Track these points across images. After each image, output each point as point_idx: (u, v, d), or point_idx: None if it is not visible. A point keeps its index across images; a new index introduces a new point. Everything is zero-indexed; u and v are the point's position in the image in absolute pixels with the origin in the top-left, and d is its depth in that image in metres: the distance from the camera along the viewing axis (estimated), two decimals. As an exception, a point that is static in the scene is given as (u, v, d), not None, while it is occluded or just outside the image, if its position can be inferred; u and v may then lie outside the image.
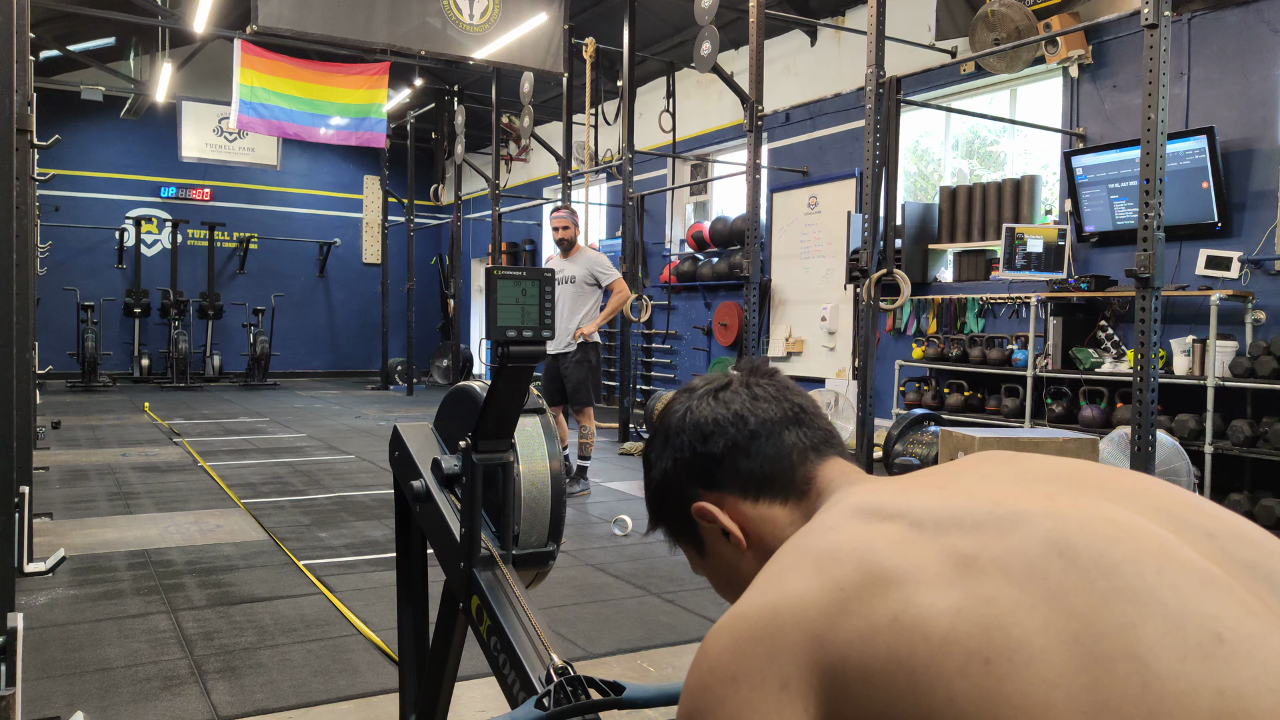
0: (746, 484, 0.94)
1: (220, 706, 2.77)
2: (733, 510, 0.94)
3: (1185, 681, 0.62)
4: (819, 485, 0.93)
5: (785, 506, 0.93)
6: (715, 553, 0.97)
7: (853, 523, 0.79)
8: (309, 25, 8.10)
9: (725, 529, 0.94)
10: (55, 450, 7.66)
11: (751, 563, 0.92)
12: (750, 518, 0.93)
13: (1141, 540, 0.71)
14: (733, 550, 0.95)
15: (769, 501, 0.93)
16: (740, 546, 0.94)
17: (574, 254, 6.31)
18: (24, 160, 4.23)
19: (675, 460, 0.97)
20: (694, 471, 0.96)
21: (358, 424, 10.14)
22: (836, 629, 0.70)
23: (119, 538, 4.81)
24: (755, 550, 0.93)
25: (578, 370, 6.19)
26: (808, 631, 0.71)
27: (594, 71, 10.30)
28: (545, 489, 1.65)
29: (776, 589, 0.75)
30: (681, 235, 11.79)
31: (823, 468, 0.94)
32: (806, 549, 0.78)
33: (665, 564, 4.49)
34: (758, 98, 7.24)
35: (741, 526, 0.94)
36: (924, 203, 8.42)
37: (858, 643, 0.69)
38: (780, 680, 0.71)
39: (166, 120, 14.34)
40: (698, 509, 0.95)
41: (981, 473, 0.86)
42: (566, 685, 1.29)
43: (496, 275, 1.46)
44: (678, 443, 0.97)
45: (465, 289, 17.11)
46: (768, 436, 0.94)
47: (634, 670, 3.14)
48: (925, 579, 0.70)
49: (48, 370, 8.56)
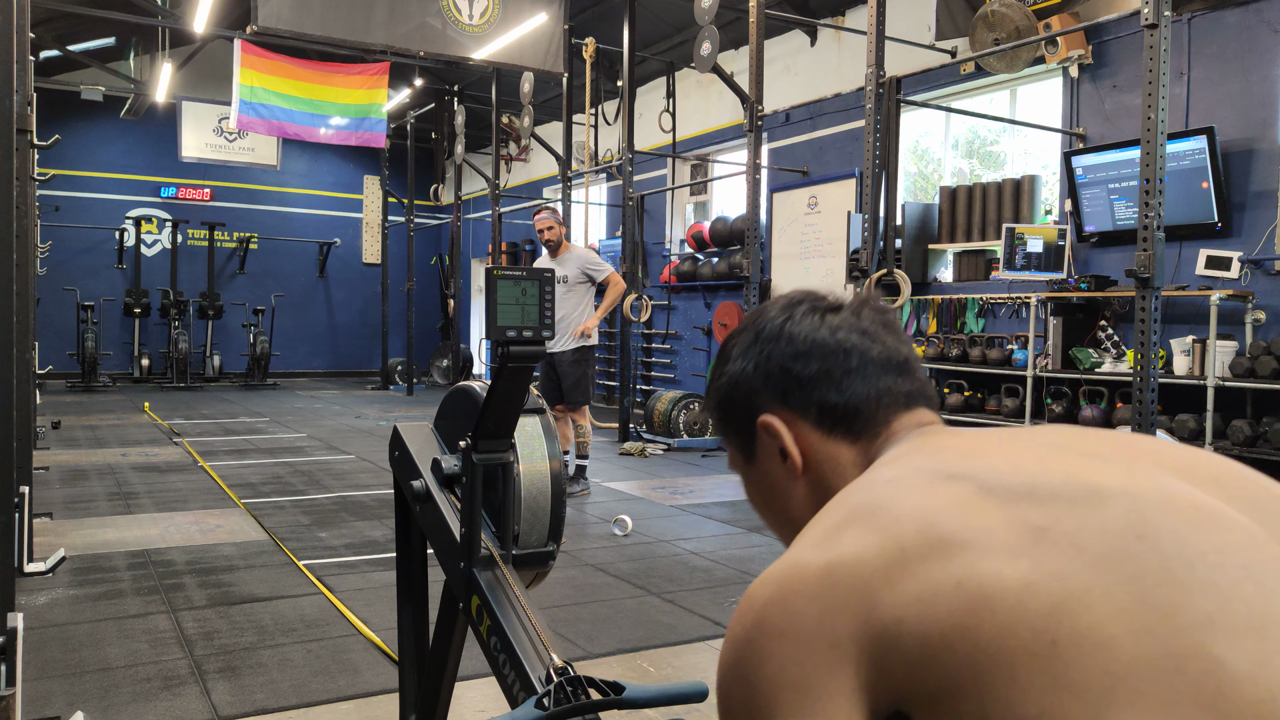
0: (824, 415, 0.89)
1: (220, 706, 2.77)
2: (800, 434, 0.89)
3: (1263, 688, 0.58)
4: (891, 430, 0.88)
5: (854, 447, 0.88)
6: (765, 468, 0.93)
7: (918, 480, 0.75)
8: (308, 26, 8.10)
9: (785, 450, 0.89)
10: (55, 450, 7.66)
11: (801, 490, 0.90)
12: (815, 448, 0.89)
13: (1227, 531, 0.67)
14: (785, 472, 0.91)
15: (840, 438, 0.88)
16: (795, 471, 0.90)
17: (562, 253, 6.32)
18: (24, 160, 4.23)
19: (758, 367, 0.91)
20: (774, 385, 0.90)
21: (358, 424, 10.14)
22: (894, 591, 0.66)
23: (119, 538, 4.81)
24: (809, 480, 0.89)
25: (575, 369, 6.19)
26: (863, 592, 0.67)
27: (594, 71, 10.30)
28: (545, 489, 1.65)
29: (833, 545, 0.71)
30: (681, 235, 11.79)
31: (904, 417, 0.89)
32: (867, 505, 0.74)
33: (665, 564, 4.49)
34: (758, 98, 7.24)
35: (804, 453, 0.89)
36: (924, 203, 8.42)
37: (916, 606, 0.65)
38: (830, 640, 0.67)
39: (166, 120, 14.34)
40: (764, 422, 0.90)
41: (1055, 443, 0.80)
42: (566, 685, 1.29)
43: (496, 275, 1.46)
44: (768, 350, 0.91)
45: (465, 289, 17.11)
46: (863, 376, 0.88)
47: (634, 670, 3.14)
48: (993, 546, 0.66)
49: (48, 370, 8.56)
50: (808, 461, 0.89)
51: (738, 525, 5.41)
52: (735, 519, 5.59)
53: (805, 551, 0.73)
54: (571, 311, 6.22)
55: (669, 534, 5.14)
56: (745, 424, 0.92)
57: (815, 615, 0.68)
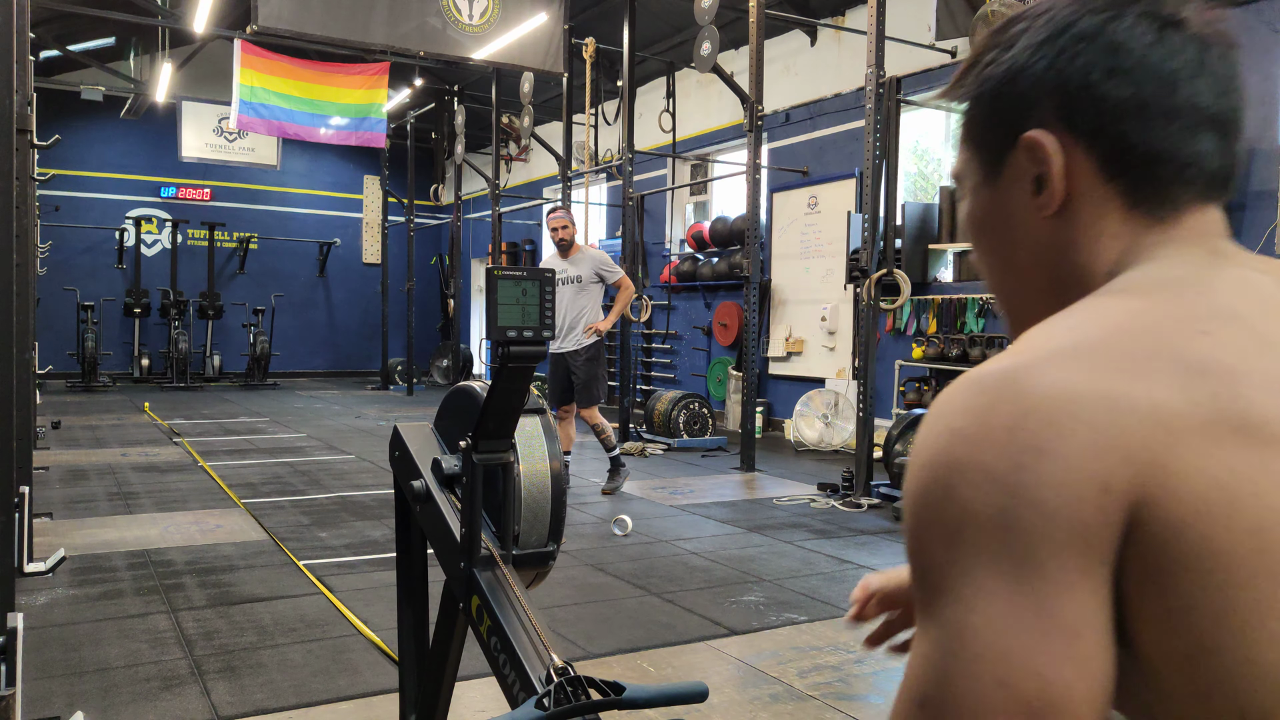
0: (1114, 157, 0.68)
1: (220, 706, 2.77)
2: (1071, 168, 0.69)
3: None
4: (1179, 220, 0.69)
5: (1127, 212, 0.69)
6: (1006, 197, 0.74)
7: (1233, 334, 0.60)
8: (309, 25, 8.11)
9: (1046, 180, 0.70)
10: (55, 450, 7.66)
11: (1044, 236, 0.72)
12: (1084, 193, 0.69)
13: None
14: (1031, 209, 0.72)
15: (1117, 193, 0.69)
16: (1045, 211, 0.71)
17: (574, 254, 6.32)
18: (24, 160, 4.24)
19: (1052, 68, 0.69)
20: (1065, 97, 0.69)
21: (358, 424, 10.14)
22: (1189, 459, 0.55)
23: (119, 538, 4.81)
24: (1059, 228, 0.71)
25: (588, 368, 6.21)
26: (1150, 445, 0.55)
27: (594, 71, 10.30)
28: (545, 489, 1.65)
29: (1120, 378, 0.57)
30: (681, 235, 11.79)
31: (1197, 213, 0.70)
32: (1167, 346, 0.59)
33: (665, 564, 4.49)
34: (758, 98, 7.24)
35: (1069, 195, 0.70)
36: (924, 203, 8.42)
37: (1213, 492, 0.54)
38: (1103, 483, 0.55)
39: (166, 120, 14.35)
40: (1032, 139, 0.70)
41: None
42: (566, 685, 1.30)
43: (497, 275, 1.46)
44: (1075, 51, 0.69)
45: (465, 289, 17.12)
46: (1182, 127, 0.68)
47: (634, 670, 3.14)
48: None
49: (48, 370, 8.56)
50: (1067, 205, 0.70)
51: (738, 525, 5.41)
52: (735, 519, 5.60)
53: (1079, 368, 0.58)
54: (584, 311, 6.23)
55: (669, 534, 5.14)
56: (1003, 134, 0.73)
57: (1093, 444, 0.55)
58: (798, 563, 4.54)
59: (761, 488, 6.75)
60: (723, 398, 10.38)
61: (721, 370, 10.55)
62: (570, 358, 6.24)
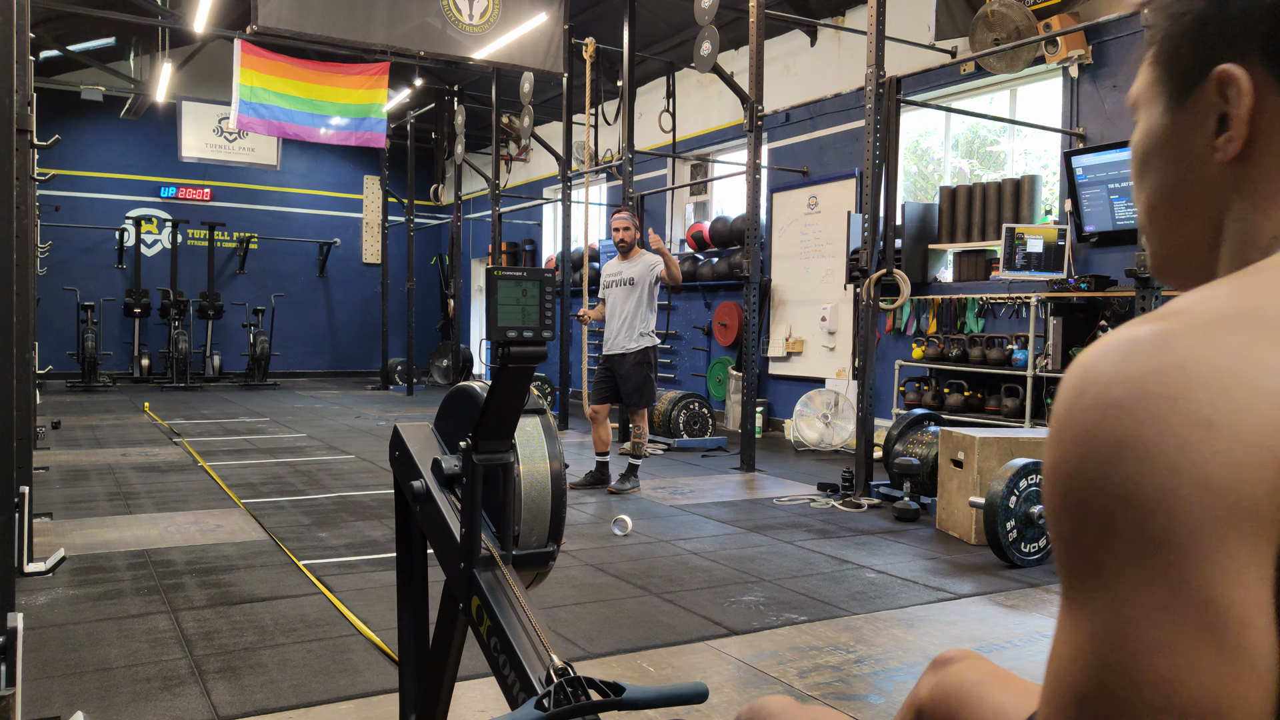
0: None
1: (220, 706, 2.77)
2: (1264, 116, 0.64)
3: None
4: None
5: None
6: (1185, 129, 0.69)
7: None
8: (309, 25, 8.11)
9: (1230, 120, 0.64)
10: (55, 450, 7.66)
11: (1213, 180, 0.67)
12: (1273, 146, 0.64)
13: None
14: (1207, 147, 0.67)
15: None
16: (1224, 154, 0.65)
17: (634, 255, 6.32)
18: (24, 160, 4.24)
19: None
20: (1269, 30, 0.63)
21: (358, 424, 10.14)
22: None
23: (119, 538, 4.81)
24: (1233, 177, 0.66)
25: (637, 371, 6.21)
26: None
27: (594, 71, 10.30)
28: (545, 489, 1.65)
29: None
30: (681, 235, 11.79)
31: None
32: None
33: (665, 564, 4.49)
34: (758, 98, 7.24)
35: (1251, 141, 0.64)
36: (924, 203, 8.42)
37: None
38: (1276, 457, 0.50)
39: (166, 120, 14.35)
40: (1225, 74, 0.64)
41: None
42: (566, 686, 1.30)
43: (497, 276, 1.47)
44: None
45: (465, 289, 17.12)
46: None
47: (634, 670, 3.14)
48: None
49: (48, 370, 8.55)
50: (1249, 152, 0.65)
51: (738, 525, 5.41)
52: (735, 519, 5.60)
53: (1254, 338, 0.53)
54: (633, 314, 6.24)
55: (669, 534, 5.14)
56: (1199, 60, 0.67)
57: (1270, 417, 0.50)
58: (798, 563, 4.54)
59: (761, 488, 6.75)
60: (723, 398, 10.38)
61: (721, 370, 10.55)
62: (617, 361, 6.24)
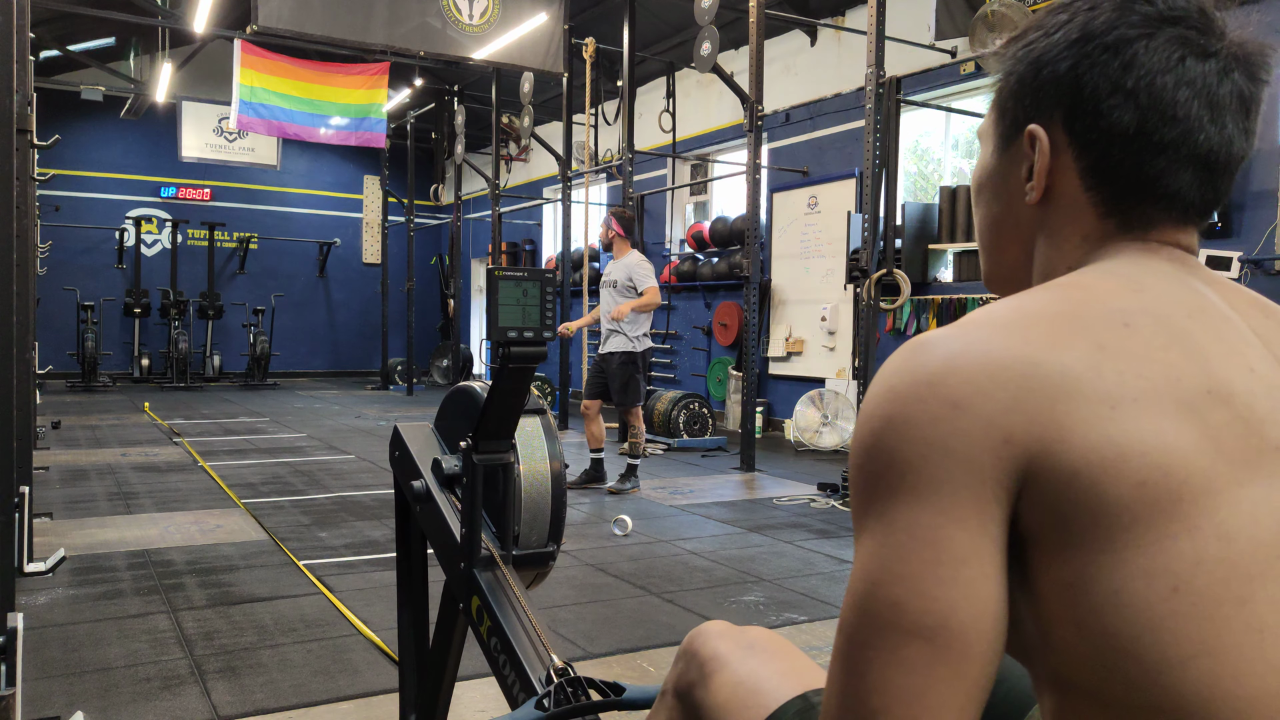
0: (1098, 172, 0.73)
1: (220, 706, 2.77)
2: (1060, 168, 0.75)
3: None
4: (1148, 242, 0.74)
5: (1100, 220, 0.74)
6: (1005, 169, 0.79)
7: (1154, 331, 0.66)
8: (309, 25, 8.11)
9: (1034, 173, 0.76)
10: (55, 450, 7.66)
11: (1024, 217, 0.78)
12: (1066, 195, 0.75)
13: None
14: (1019, 190, 0.78)
15: (1093, 202, 0.74)
16: (1030, 199, 0.77)
17: (621, 256, 6.37)
18: (24, 160, 4.23)
19: (1070, 72, 0.73)
20: (1071, 103, 0.73)
21: (358, 424, 10.14)
22: (1088, 419, 0.62)
23: (119, 538, 4.81)
24: (1037, 218, 0.77)
25: (622, 371, 6.26)
26: (1055, 404, 0.62)
27: (594, 71, 10.30)
28: (545, 489, 1.65)
29: (1039, 348, 0.64)
30: (681, 235, 11.79)
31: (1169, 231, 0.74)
32: (1090, 329, 0.66)
33: (665, 564, 4.49)
34: (758, 98, 7.24)
35: (1050, 189, 0.75)
36: (924, 203, 8.42)
37: (1106, 448, 0.61)
38: (1006, 434, 0.62)
39: (166, 120, 14.35)
40: (1033, 133, 0.75)
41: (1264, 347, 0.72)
42: (566, 686, 1.30)
43: (497, 276, 1.46)
44: (1095, 61, 0.72)
45: (465, 289, 17.12)
46: (1170, 161, 0.71)
47: (634, 670, 3.14)
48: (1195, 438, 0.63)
49: (48, 370, 8.55)
50: (1048, 198, 0.76)
51: (738, 525, 5.41)
52: (735, 519, 5.60)
53: (1008, 339, 0.65)
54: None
55: (669, 534, 5.14)
56: (1019, 114, 0.77)
57: (1002, 402, 0.63)
58: (798, 563, 4.54)
59: (761, 488, 6.75)
60: (723, 398, 10.38)
61: (721, 370, 10.55)
62: (606, 360, 6.32)
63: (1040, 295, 0.70)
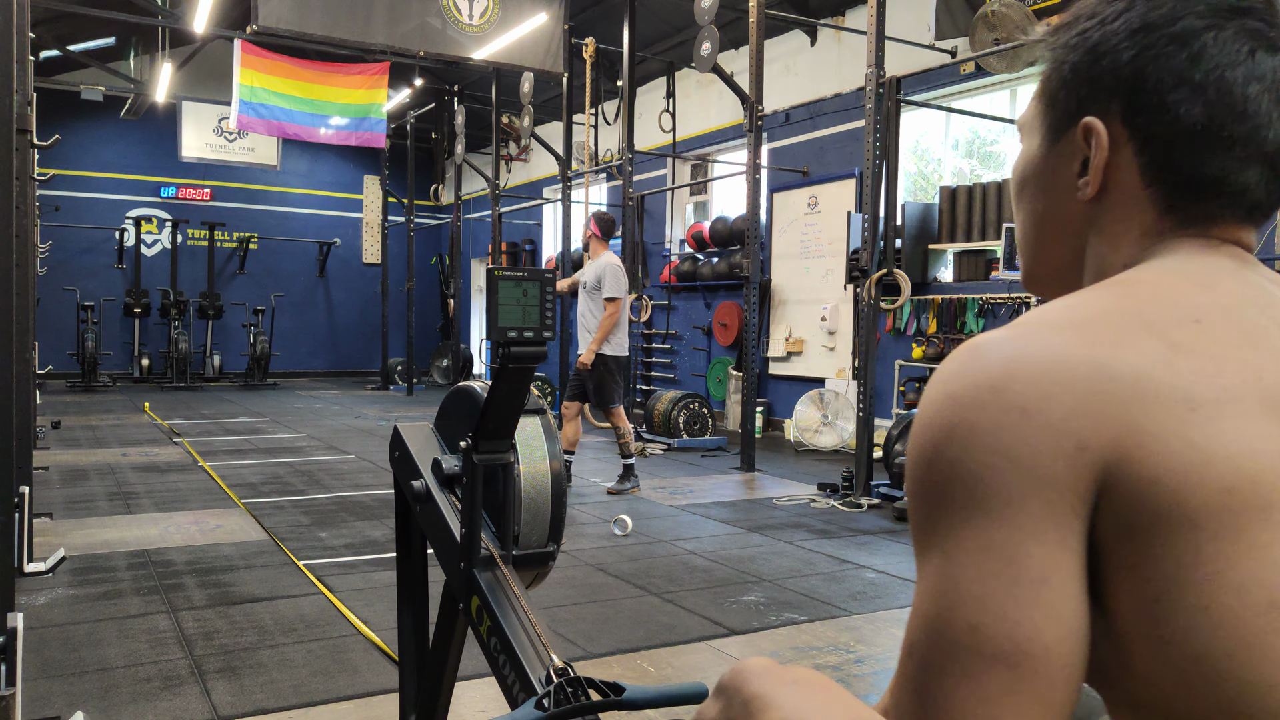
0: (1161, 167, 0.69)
1: (220, 706, 2.77)
2: (1117, 164, 0.71)
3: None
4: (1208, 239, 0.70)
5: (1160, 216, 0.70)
6: (1055, 164, 0.75)
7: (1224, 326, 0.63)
8: (309, 25, 8.11)
9: (1089, 168, 0.72)
10: (55, 450, 7.66)
11: (1074, 214, 0.74)
12: (1124, 191, 0.71)
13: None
14: (1071, 184, 0.74)
15: (1154, 198, 0.70)
16: (1083, 194, 0.72)
17: (596, 257, 6.39)
18: (24, 160, 4.24)
19: (1134, 63, 0.69)
20: (1133, 95, 0.69)
21: (358, 424, 10.14)
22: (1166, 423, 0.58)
23: (119, 538, 4.81)
24: (1091, 214, 0.73)
25: (593, 372, 6.27)
26: (1129, 408, 0.58)
27: (594, 71, 10.30)
28: (545, 489, 1.65)
29: (1107, 348, 0.60)
30: (681, 235, 11.79)
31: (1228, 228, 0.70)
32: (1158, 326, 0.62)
33: (665, 564, 4.49)
34: (758, 98, 7.24)
35: (1106, 185, 0.71)
36: (924, 203, 8.42)
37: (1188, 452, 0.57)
38: (1079, 441, 0.58)
39: (166, 120, 14.35)
40: (1089, 126, 0.71)
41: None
42: (566, 686, 1.29)
43: (497, 276, 1.46)
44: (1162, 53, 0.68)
45: (465, 289, 17.12)
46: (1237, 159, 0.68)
47: (634, 670, 3.14)
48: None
49: (48, 370, 8.56)
50: (1104, 195, 0.72)
51: (738, 525, 5.41)
52: (735, 519, 5.60)
53: (1071, 339, 0.61)
54: (588, 316, 6.32)
55: (669, 534, 5.14)
56: (1071, 106, 0.73)
57: (1071, 407, 0.59)
58: (798, 563, 4.54)
59: (761, 488, 6.75)
60: (723, 398, 10.38)
61: (721, 370, 10.55)
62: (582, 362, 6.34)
63: (1100, 293, 0.66)
